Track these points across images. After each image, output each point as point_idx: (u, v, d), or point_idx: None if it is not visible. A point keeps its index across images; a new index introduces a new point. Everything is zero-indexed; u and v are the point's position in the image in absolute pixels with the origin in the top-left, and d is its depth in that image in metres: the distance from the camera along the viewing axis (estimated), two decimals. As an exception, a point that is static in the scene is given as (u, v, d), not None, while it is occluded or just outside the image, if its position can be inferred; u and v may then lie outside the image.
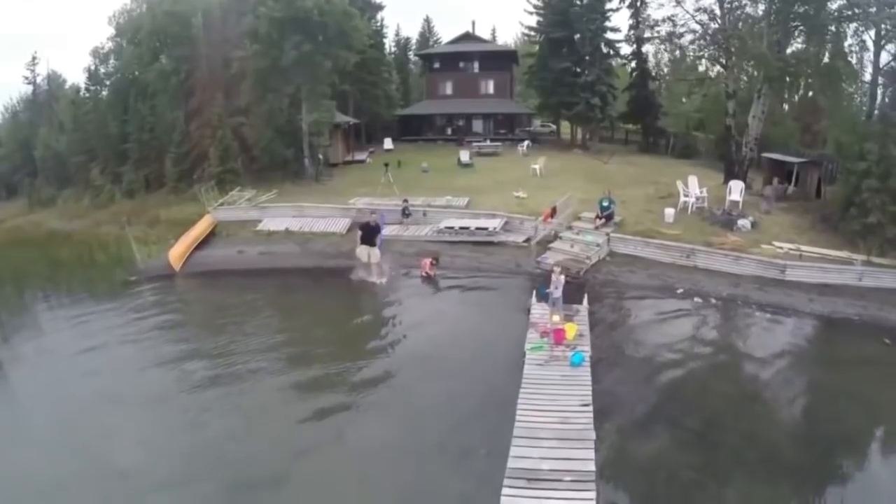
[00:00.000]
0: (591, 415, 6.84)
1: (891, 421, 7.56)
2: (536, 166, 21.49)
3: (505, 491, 5.45)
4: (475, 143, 29.11)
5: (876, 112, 17.75)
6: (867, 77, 19.49)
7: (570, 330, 8.93)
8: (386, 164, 19.84)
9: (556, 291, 9.21)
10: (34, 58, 34.59)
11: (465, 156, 24.64)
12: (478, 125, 34.02)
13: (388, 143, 30.60)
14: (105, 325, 10.93)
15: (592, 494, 5.41)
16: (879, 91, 18.06)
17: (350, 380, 8.40)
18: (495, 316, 10.80)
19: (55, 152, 28.71)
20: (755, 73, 19.16)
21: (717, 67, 20.88)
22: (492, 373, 8.41)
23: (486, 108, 33.73)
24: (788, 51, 18.32)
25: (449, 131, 33.13)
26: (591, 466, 5.82)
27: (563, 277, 9.41)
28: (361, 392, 8.04)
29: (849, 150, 15.58)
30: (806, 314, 11.27)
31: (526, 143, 28.70)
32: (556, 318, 9.14)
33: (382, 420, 7.26)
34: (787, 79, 18.49)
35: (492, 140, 31.37)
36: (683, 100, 30.38)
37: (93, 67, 28.29)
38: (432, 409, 7.43)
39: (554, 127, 39.30)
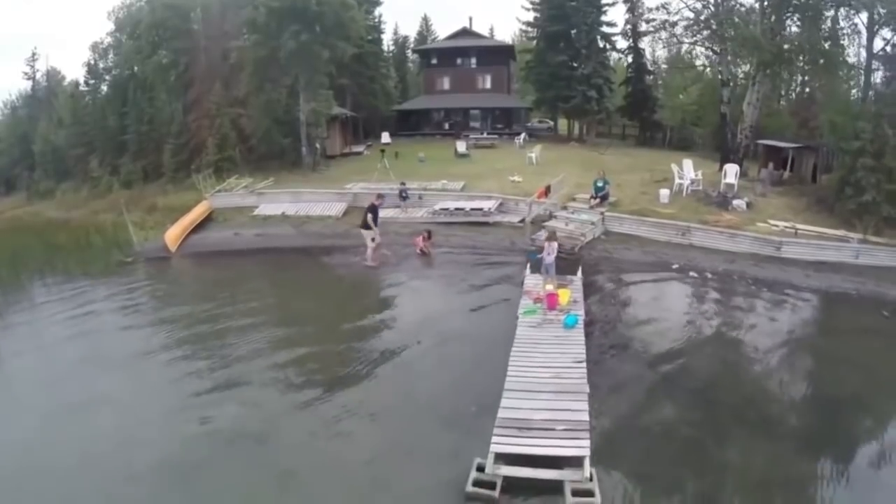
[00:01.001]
0: (585, 371, 6.80)
1: (891, 385, 7.46)
2: (533, 154, 21.53)
3: (495, 439, 5.35)
4: (472, 137, 29.17)
5: (871, 94, 17.87)
6: (861, 61, 19.63)
7: (564, 296, 8.93)
8: (382, 150, 19.89)
9: (549, 257, 9.20)
10: (34, 54, 34.77)
11: (461, 146, 24.69)
12: (475, 120, 34.10)
13: (385, 138, 30.60)
14: (96, 296, 10.96)
15: (586, 443, 5.32)
16: (877, 75, 18.20)
17: (339, 336, 8.46)
18: (489, 288, 10.78)
19: (54, 146, 28.76)
20: (749, 60, 19.22)
21: (712, 55, 20.96)
22: (485, 338, 8.35)
23: (483, 102, 33.84)
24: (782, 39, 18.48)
25: (446, 126, 33.16)
26: (585, 417, 5.76)
27: (555, 244, 9.40)
28: (349, 349, 8.05)
29: (843, 130, 15.67)
30: (803, 288, 11.21)
31: (523, 135, 28.77)
32: (549, 286, 9.14)
33: (369, 379, 7.23)
34: (781, 64, 18.44)
35: (489, 134, 31.45)
36: (680, 96, 30.46)
37: (92, 61, 28.38)
38: (423, 374, 7.31)
39: (551, 123, 39.44)
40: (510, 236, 13.93)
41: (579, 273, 10.32)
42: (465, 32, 35.43)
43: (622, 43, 32.09)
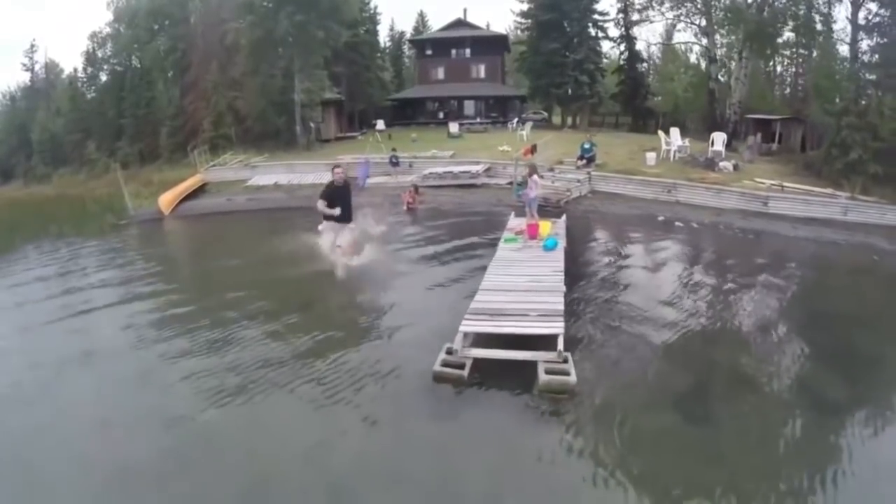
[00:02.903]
0: (563, 277, 6.81)
1: (885, 312, 7.30)
2: (524, 132, 21.77)
3: (465, 322, 5.30)
4: (465, 123, 29.43)
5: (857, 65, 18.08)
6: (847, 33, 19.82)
7: (545, 227, 9.01)
8: (373, 124, 20.10)
9: (531, 192, 9.32)
10: (32, 45, 35.20)
11: (454, 127, 24.95)
12: (469, 108, 34.35)
13: (380, 125, 30.90)
14: (85, 245, 11.08)
15: (561, 324, 5.23)
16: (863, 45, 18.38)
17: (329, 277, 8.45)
18: (475, 230, 10.91)
19: (52, 134, 29.07)
20: (735, 33, 19.51)
21: (698, 32, 21.26)
22: (465, 268, 8.38)
23: (477, 91, 34.14)
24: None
25: (441, 115, 33.42)
26: (560, 306, 5.69)
27: (538, 178, 9.54)
28: (338, 285, 8.02)
29: (828, 94, 15.91)
30: (791, 237, 11.26)
31: (516, 119, 29.02)
32: (531, 220, 9.26)
33: (357, 289, 7.34)
34: (766, 38, 18.71)
35: (482, 121, 31.72)
36: (673, 79, 30.80)
37: (90, 49, 28.79)
38: (405, 298, 7.21)
39: (546, 114, 39.74)
40: (497, 196, 14.09)
41: (563, 218, 10.45)
42: (459, 23, 35.84)
43: (614, 31, 32.44)
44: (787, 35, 19.51)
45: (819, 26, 17.73)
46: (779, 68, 27.65)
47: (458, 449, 3.92)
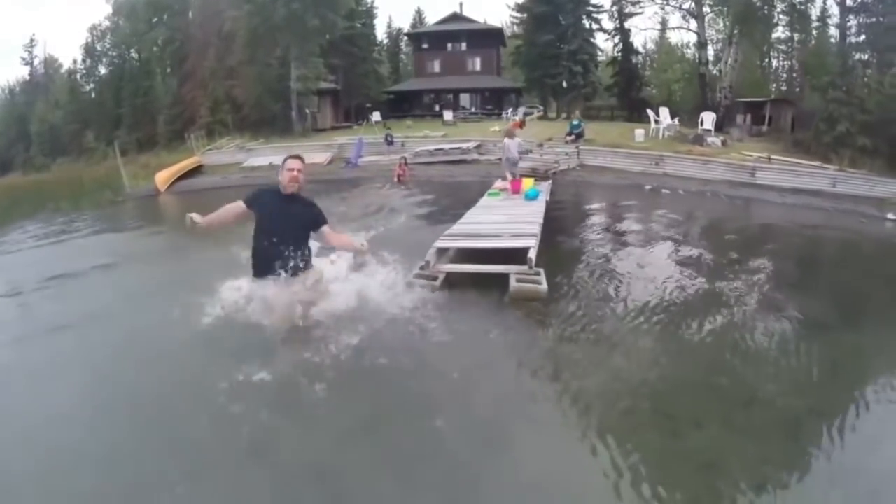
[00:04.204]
0: (542, 216, 6.92)
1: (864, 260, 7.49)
2: (516, 117, 21.95)
3: (440, 241, 5.43)
4: (460, 113, 29.69)
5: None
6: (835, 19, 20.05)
7: (528, 183, 9.20)
8: (368, 105, 20.32)
9: (512, 151, 9.50)
10: (32, 40, 35.58)
11: (448, 115, 25.19)
12: (465, 100, 34.62)
13: (376, 116, 31.18)
14: (79, 216, 11.29)
15: (534, 240, 5.31)
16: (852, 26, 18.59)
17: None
18: (462, 196, 11.06)
19: (51, 125, 29.38)
20: (725, 17, 19.74)
21: (688, 17, 21.48)
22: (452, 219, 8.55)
23: (473, 83, 34.43)
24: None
25: (437, 108, 33.71)
26: (535, 229, 5.83)
27: (519, 140, 9.71)
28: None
29: (817, 72, 16.11)
30: (779, 204, 11.31)
31: (510, 109, 29.29)
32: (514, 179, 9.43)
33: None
34: (756, 22, 18.93)
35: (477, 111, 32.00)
36: (667, 71, 31.07)
37: (89, 40, 29.16)
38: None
39: (542, 108, 40.01)
40: (487, 169, 14.21)
41: (549, 182, 10.64)
42: (455, 17, 36.22)
43: (608, 24, 32.75)
44: (783, 31, 19.63)
45: (811, 10, 17.93)
46: (774, 63, 27.92)
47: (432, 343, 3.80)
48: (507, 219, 6.76)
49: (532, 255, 5.13)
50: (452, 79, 34.15)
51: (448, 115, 25.18)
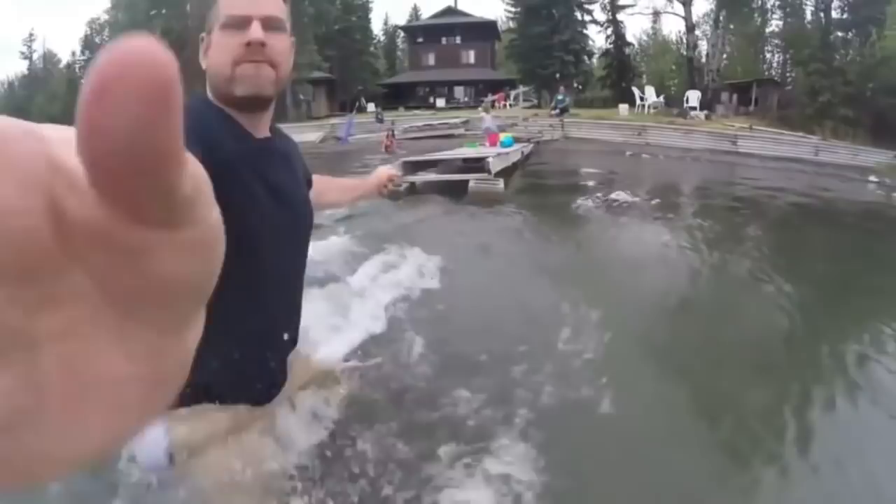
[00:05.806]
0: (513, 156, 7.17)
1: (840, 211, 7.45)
2: (507, 104, 22.22)
3: (404, 158, 6.05)
4: (454, 103, 29.98)
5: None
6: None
7: (504, 135, 9.39)
8: (360, 88, 20.57)
9: (489, 123, 9.73)
10: (31, 34, 35.96)
11: (441, 102, 25.44)
12: (459, 93, 34.91)
13: (370, 108, 31.48)
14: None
15: (493, 153, 5.80)
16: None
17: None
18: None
19: (49, 117, 29.61)
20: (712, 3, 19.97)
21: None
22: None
23: (467, 76, 34.74)
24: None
25: (431, 100, 34.02)
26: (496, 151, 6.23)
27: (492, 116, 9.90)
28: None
29: (799, 45, 16.32)
30: (760, 167, 11.31)
31: (489, 94, 29.55)
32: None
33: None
34: (741, 5, 19.17)
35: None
36: (657, 61, 31.36)
37: (88, 34, 29.49)
38: None
39: (535, 101, 40.31)
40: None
41: (531, 145, 10.82)
42: (449, 11, 36.62)
43: (601, 15, 33.12)
44: (776, 25, 19.83)
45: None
46: (768, 56, 28.22)
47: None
48: (476, 153, 6.99)
49: (490, 165, 5.34)
50: (447, 71, 34.47)
51: (441, 102, 25.45)
